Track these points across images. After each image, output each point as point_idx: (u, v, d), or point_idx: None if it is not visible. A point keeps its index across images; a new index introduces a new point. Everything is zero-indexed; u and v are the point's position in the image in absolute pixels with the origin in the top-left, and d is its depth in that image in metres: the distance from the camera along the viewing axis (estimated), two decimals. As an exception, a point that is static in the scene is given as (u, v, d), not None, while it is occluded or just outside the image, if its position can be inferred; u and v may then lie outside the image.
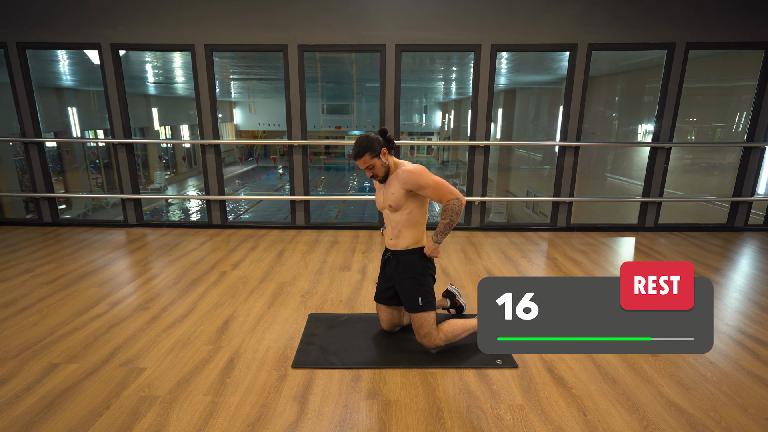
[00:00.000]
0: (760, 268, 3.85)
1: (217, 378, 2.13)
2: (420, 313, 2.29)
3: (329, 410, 1.91)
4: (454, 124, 11.54)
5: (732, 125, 5.45)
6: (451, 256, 4.04)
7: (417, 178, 2.19)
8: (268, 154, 18.35)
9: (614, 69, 6.60)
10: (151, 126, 12.06)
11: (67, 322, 2.69)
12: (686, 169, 6.17)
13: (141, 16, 4.46)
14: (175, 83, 9.53)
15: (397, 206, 2.27)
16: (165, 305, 2.94)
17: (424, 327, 2.30)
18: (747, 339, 2.57)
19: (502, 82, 7.91)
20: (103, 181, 9.91)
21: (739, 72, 5.37)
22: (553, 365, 2.26)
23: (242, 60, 6.90)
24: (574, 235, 4.75)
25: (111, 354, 2.34)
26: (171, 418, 1.85)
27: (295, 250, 4.15)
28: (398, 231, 2.33)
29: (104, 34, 4.50)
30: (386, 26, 4.43)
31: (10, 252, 4.08)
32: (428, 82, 9.09)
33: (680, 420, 1.87)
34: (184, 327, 2.64)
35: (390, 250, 2.43)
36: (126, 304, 2.97)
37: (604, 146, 7.31)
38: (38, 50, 4.76)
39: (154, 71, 7.82)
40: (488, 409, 1.93)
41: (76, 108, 8.69)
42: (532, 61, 6.10)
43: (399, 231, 2.33)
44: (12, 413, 1.88)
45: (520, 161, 8.81)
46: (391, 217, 2.34)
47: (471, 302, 3.02)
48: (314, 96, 8.18)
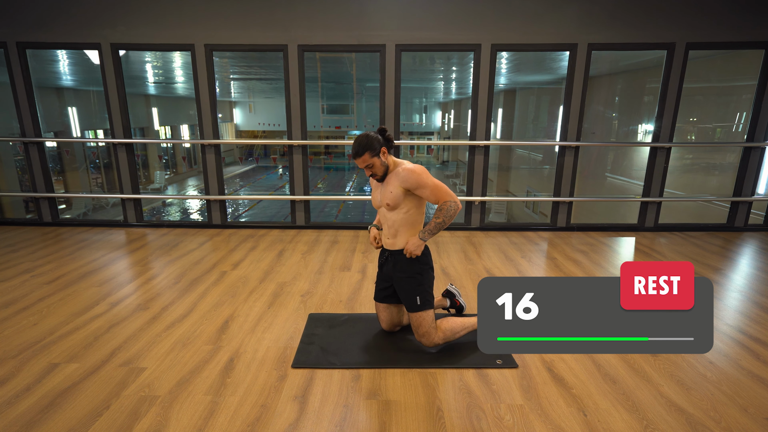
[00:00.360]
0: (760, 268, 3.85)
1: (217, 378, 2.13)
2: (418, 312, 2.30)
3: (329, 410, 1.91)
4: (454, 124, 11.54)
5: (732, 125, 5.45)
6: (451, 256, 4.04)
7: (417, 177, 2.19)
8: (268, 154, 18.34)
9: (614, 69, 6.60)
10: (151, 126, 12.05)
11: (67, 322, 2.69)
12: (686, 169, 6.17)
13: (141, 16, 4.46)
14: (175, 83, 9.53)
15: (394, 204, 2.27)
16: (165, 305, 2.94)
17: (422, 326, 2.30)
18: (747, 339, 2.57)
19: (502, 82, 7.90)
20: (103, 181, 9.92)
21: (739, 72, 5.37)
22: (553, 365, 2.26)
23: (242, 60, 6.89)
24: (574, 235, 4.75)
25: (111, 354, 2.34)
26: (171, 418, 1.85)
27: (295, 250, 4.15)
28: (395, 230, 2.33)
29: (104, 34, 4.50)
30: (386, 26, 4.43)
31: (10, 252, 4.08)
32: (428, 82, 9.08)
33: (680, 420, 1.87)
34: (184, 327, 2.64)
35: (387, 249, 2.43)
36: (126, 304, 2.97)
37: (604, 146, 7.31)
38: (38, 50, 4.76)
39: (154, 71, 7.81)
40: (488, 409, 1.93)
41: (76, 108, 8.69)
42: (532, 61, 6.09)
43: (396, 230, 2.33)
44: (12, 413, 1.88)
45: (520, 161, 8.81)
46: (388, 216, 2.33)
47: (471, 302, 3.02)
48: (314, 96, 8.17)
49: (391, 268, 2.40)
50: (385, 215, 2.35)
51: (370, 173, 2.28)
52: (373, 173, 2.26)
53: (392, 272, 2.40)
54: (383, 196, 2.30)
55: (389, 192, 2.26)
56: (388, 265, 2.43)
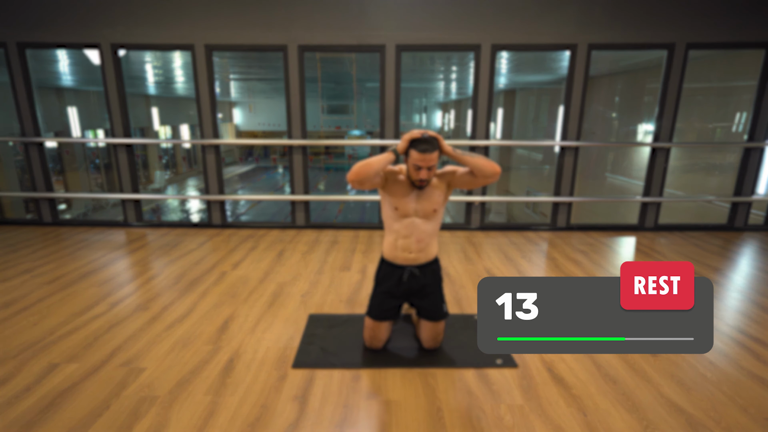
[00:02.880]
0: (760, 268, 3.85)
1: (217, 378, 2.13)
2: (443, 320, 2.31)
3: (329, 410, 1.91)
4: (454, 124, 11.54)
5: (732, 125, 5.45)
6: (451, 256, 4.04)
7: (450, 167, 2.16)
8: (268, 154, 18.34)
9: (614, 69, 6.60)
10: (150, 126, 12.06)
11: (67, 322, 2.69)
12: (686, 169, 6.17)
13: (141, 16, 4.46)
14: (175, 83, 9.53)
15: (439, 208, 2.15)
16: (165, 305, 2.94)
17: (441, 333, 2.34)
18: (747, 339, 2.57)
19: (502, 82, 7.91)
20: (103, 181, 9.92)
21: (739, 72, 5.37)
22: (553, 365, 2.26)
23: (242, 60, 6.89)
24: (574, 235, 4.75)
25: (111, 354, 2.34)
26: (171, 418, 1.85)
27: (295, 250, 4.15)
28: (426, 243, 2.18)
29: (104, 34, 4.50)
30: (386, 26, 4.43)
31: (10, 252, 4.08)
32: (428, 82, 9.08)
33: (680, 420, 1.87)
34: (184, 327, 2.64)
35: (409, 266, 2.21)
36: (126, 304, 2.97)
37: (604, 146, 7.31)
38: (38, 50, 4.76)
39: (154, 71, 7.82)
40: (488, 409, 1.93)
41: (76, 108, 8.70)
42: (532, 61, 6.09)
43: (427, 243, 2.19)
44: (12, 413, 1.88)
45: (520, 161, 8.82)
46: (423, 227, 2.16)
47: (471, 302, 3.02)
48: (314, 96, 8.17)
49: (419, 283, 2.23)
50: (417, 227, 2.16)
51: (424, 177, 2.05)
52: (428, 178, 2.07)
53: (420, 286, 2.23)
54: (430, 201, 2.12)
55: (437, 195, 2.13)
56: (411, 283, 2.23)
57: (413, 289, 2.24)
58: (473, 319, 2.77)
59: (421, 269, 2.22)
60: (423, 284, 2.24)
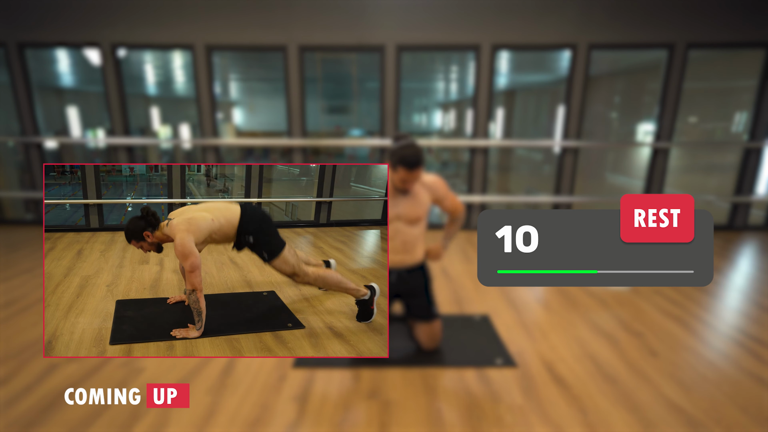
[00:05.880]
0: (760, 268, 3.85)
1: (218, 378, 2.13)
2: (436, 320, 2.34)
3: (329, 410, 1.91)
4: (455, 124, 11.53)
5: (732, 125, 5.45)
6: (451, 256, 4.03)
7: (443, 187, 2.28)
8: (268, 154, 18.34)
9: (614, 69, 6.59)
10: (150, 126, 12.04)
11: (67, 322, 2.68)
12: (686, 169, 6.17)
13: (141, 15, 4.46)
14: (175, 83, 9.53)
15: (423, 217, 2.24)
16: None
17: (439, 333, 2.35)
18: (747, 339, 2.57)
19: (502, 82, 7.90)
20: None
21: (739, 72, 5.37)
22: (553, 365, 2.26)
23: (242, 60, 6.89)
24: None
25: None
26: (171, 418, 1.85)
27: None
28: (411, 245, 2.25)
29: (104, 33, 4.50)
30: (386, 26, 4.43)
31: (10, 252, 4.07)
32: (428, 82, 9.08)
33: (680, 420, 1.87)
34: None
35: (396, 268, 2.28)
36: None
37: (604, 146, 7.30)
38: (38, 50, 4.76)
39: (154, 71, 7.81)
40: (488, 409, 1.93)
41: (76, 108, 8.69)
42: (532, 61, 6.09)
43: (413, 245, 2.25)
44: (12, 413, 1.88)
45: (520, 161, 8.81)
46: (407, 231, 2.22)
47: (471, 302, 3.02)
48: (314, 96, 8.16)
49: (409, 285, 2.31)
50: (401, 231, 2.22)
51: (410, 185, 2.16)
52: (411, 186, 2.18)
53: (408, 288, 2.31)
54: (414, 208, 2.20)
55: (421, 203, 2.21)
56: (400, 284, 2.31)
57: (401, 290, 2.34)
58: (473, 319, 2.77)
59: (408, 272, 2.32)
60: (411, 287, 2.33)
